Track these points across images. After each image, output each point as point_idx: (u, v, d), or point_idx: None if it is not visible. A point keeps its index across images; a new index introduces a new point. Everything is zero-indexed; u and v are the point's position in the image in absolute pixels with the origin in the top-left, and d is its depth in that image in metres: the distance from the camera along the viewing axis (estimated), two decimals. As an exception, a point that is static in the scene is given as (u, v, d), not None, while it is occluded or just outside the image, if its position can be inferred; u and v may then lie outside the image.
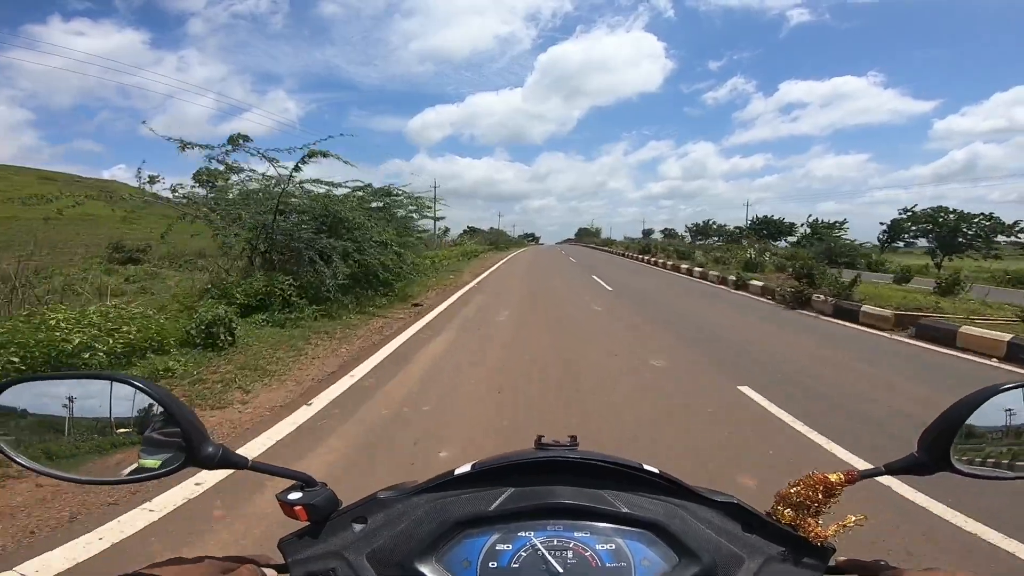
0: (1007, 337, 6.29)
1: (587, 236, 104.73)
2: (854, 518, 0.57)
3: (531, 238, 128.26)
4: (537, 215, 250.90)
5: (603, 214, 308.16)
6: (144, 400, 0.54)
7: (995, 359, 6.20)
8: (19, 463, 0.53)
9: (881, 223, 42.77)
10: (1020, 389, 0.56)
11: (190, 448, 0.54)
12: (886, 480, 2.67)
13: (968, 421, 0.55)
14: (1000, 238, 30.08)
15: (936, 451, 0.56)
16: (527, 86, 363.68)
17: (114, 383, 0.55)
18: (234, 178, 8.55)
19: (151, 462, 0.55)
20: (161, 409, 0.54)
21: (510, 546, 0.53)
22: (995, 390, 0.55)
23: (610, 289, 13.74)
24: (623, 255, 39.88)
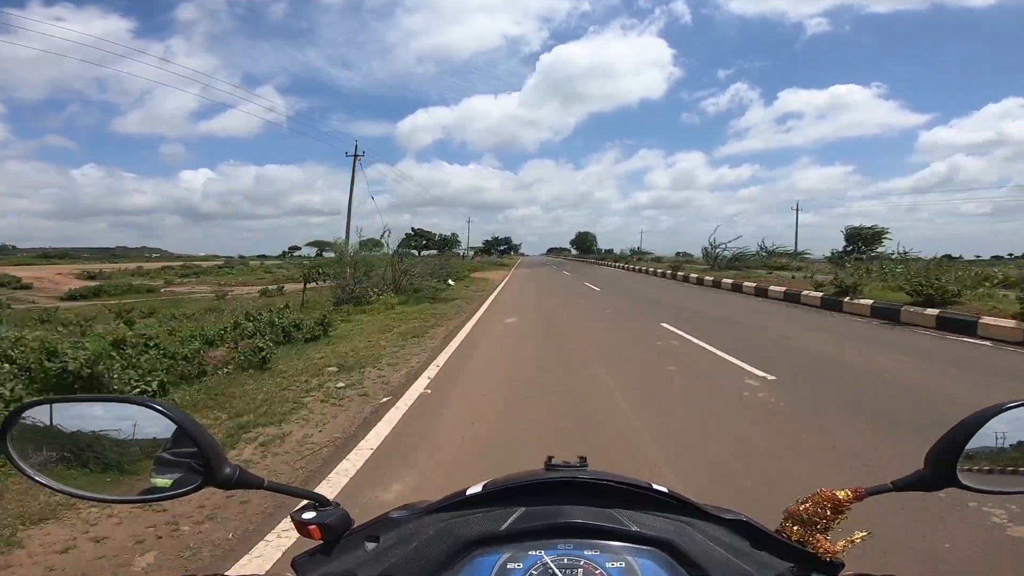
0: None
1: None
2: (861, 534, 0.58)
3: (505, 246, 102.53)
4: (519, 224, 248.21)
5: (585, 224, 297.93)
6: (164, 423, 0.55)
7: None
8: (37, 480, 0.55)
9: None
10: None
11: (209, 469, 0.56)
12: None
13: (974, 437, 0.57)
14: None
15: (942, 467, 0.57)
16: (525, 89, 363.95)
17: (135, 406, 0.57)
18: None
19: (163, 481, 0.56)
20: (179, 431, 0.55)
21: (521, 564, 0.54)
22: (999, 408, 0.57)
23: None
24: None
